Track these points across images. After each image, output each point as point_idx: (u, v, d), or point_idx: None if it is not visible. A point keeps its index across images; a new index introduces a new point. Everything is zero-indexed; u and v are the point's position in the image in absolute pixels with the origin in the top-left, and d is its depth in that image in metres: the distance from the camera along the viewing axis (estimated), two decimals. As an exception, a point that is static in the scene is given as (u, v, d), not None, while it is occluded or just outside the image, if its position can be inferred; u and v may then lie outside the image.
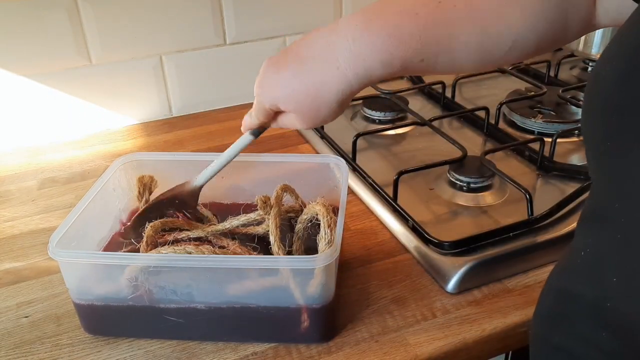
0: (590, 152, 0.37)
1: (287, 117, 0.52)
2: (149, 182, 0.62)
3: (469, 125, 0.89)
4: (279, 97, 0.49)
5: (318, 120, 0.50)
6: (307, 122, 0.50)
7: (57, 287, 0.60)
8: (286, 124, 0.53)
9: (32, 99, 0.88)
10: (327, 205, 0.53)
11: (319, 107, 0.48)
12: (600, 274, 0.36)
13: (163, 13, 0.91)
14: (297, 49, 0.48)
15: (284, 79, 0.48)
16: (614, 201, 0.34)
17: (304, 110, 0.49)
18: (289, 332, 0.52)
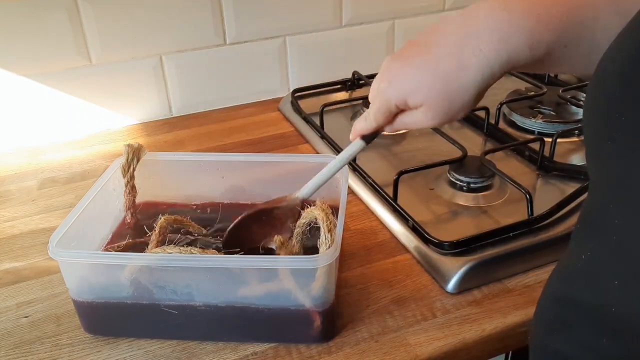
0: (591, 152, 0.36)
1: (411, 115, 0.47)
2: (138, 148, 0.61)
3: (469, 125, 0.89)
4: (408, 90, 0.44)
5: (450, 114, 0.44)
6: (436, 117, 0.45)
7: (57, 287, 0.60)
8: (408, 124, 0.48)
9: (32, 99, 0.88)
10: (326, 209, 0.52)
11: (454, 97, 0.43)
12: (600, 278, 0.34)
13: (163, 13, 0.91)
14: (426, 37, 0.44)
15: (414, 68, 0.44)
16: (614, 203, 0.33)
17: (436, 102, 0.44)
18: (289, 332, 0.52)
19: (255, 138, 0.91)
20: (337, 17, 1.03)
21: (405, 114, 0.48)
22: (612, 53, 0.34)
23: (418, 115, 0.46)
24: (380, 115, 0.48)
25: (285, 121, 0.96)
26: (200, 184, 0.65)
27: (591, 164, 0.36)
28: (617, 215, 0.33)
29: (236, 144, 0.89)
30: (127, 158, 0.60)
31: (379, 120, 0.49)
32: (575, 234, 0.39)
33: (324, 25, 1.02)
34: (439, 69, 0.43)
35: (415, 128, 0.49)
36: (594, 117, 0.35)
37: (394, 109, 0.47)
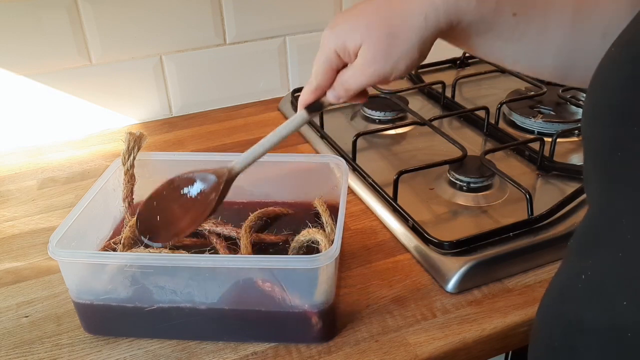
0: (596, 164, 0.34)
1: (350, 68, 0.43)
2: (139, 136, 0.60)
3: (469, 125, 0.89)
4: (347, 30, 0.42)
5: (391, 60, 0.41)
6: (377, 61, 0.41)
7: (57, 287, 0.60)
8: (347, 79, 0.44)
9: (32, 99, 0.88)
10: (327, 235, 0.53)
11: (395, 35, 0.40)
12: (607, 298, 0.32)
13: (163, 13, 0.91)
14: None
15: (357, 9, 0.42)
16: (620, 216, 0.31)
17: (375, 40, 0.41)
18: (289, 332, 0.52)
19: (255, 138, 0.90)
20: (337, 17, 1.03)
21: (344, 70, 0.44)
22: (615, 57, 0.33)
23: (357, 62, 0.43)
24: (319, 69, 0.45)
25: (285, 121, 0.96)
26: (200, 184, 0.65)
27: (596, 175, 0.34)
28: (624, 229, 0.31)
29: (236, 144, 0.89)
30: (128, 146, 0.60)
31: (318, 77, 0.45)
32: (573, 248, 0.37)
33: (324, 25, 1.01)
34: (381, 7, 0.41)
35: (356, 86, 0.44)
36: (599, 127, 0.33)
37: (334, 58, 0.44)
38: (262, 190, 0.65)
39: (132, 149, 0.60)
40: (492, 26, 0.42)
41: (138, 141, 0.60)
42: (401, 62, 0.42)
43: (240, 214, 0.61)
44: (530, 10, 0.41)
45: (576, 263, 0.36)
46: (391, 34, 0.41)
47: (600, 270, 0.33)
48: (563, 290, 0.37)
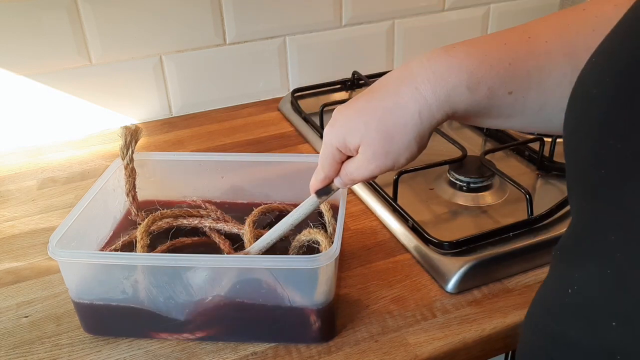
0: (577, 180, 0.33)
1: (354, 161, 0.46)
2: (135, 130, 0.60)
3: (468, 125, 0.89)
4: (347, 130, 0.44)
5: (391, 156, 0.43)
6: (377, 159, 0.44)
7: (57, 287, 0.60)
8: (352, 172, 0.47)
9: (32, 99, 0.88)
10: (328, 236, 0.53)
11: (392, 134, 0.42)
12: (595, 317, 0.31)
13: (163, 13, 0.91)
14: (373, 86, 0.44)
15: (355, 111, 0.44)
16: (606, 234, 0.30)
17: (373, 140, 0.43)
18: (289, 332, 0.52)
19: (255, 138, 0.91)
20: (337, 17, 1.03)
21: (349, 162, 0.47)
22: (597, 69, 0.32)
23: (359, 158, 0.45)
24: (325, 162, 0.48)
25: (285, 121, 0.96)
26: (200, 184, 0.65)
27: (579, 190, 0.33)
28: (612, 247, 0.29)
29: (236, 144, 0.89)
30: (125, 140, 0.59)
31: (325, 169, 0.48)
32: (558, 258, 0.36)
33: (324, 25, 1.03)
34: (377, 108, 0.43)
35: (361, 178, 0.47)
36: (582, 142, 0.32)
37: (336, 153, 0.46)
38: (263, 191, 0.65)
39: (130, 143, 0.59)
40: (490, 108, 0.42)
41: (135, 135, 0.60)
42: (401, 157, 0.44)
43: (241, 214, 0.61)
44: (525, 84, 0.41)
45: (561, 275, 0.35)
46: (388, 134, 0.42)
47: (587, 286, 0.32)
48: (548, 303, 0.37)
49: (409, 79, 0.42)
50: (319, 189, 0.51)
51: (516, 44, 0.41)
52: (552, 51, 0.41)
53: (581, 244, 0.33)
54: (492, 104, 0.42)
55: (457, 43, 0.42)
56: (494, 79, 0.41)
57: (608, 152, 0.29)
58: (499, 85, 0.41)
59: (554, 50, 0.41)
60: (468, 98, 0.41)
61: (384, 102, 0.42)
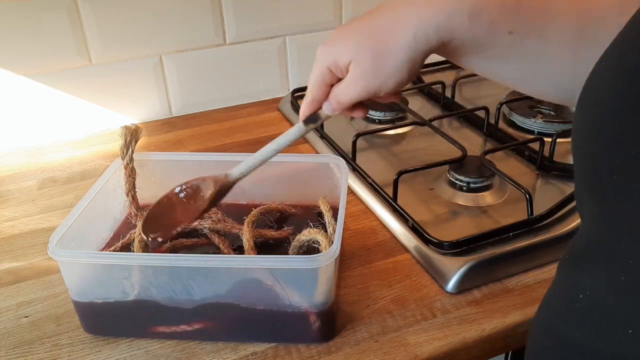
0: (588, 185, 0.33)
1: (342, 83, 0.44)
2: (135, 130, 0.60)
3: (468, 125, 0.89)
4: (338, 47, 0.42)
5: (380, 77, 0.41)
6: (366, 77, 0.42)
7: (57, 287, 0.60)
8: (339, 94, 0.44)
9: (32, 99, 0.88)
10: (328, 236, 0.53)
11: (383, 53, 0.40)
12: (610, 324, 0.30)
13: (163, 13, 0.91)
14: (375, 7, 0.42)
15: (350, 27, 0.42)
16: (619, 240, 0.30)
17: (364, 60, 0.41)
18: (289, 332, 0.52)
19: (255, 138, 0.91)
20: (337, 17, 1.03)
21: (338, 84, 0.45)
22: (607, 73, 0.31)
23: (348, 78, 0.43)
24: (314, 84, 0.45)
25: (285, 121, 0.96)
26: (200, 184, 0.65)
27: (590, 197, 0.33)
28: (624, 253, 0.29)
29: (236, 144, 0.89)
30: (125, 140, 0.59)
31: (314, 91, 0.46)
32: (569, 263, 0.36)
33: (324, 25, 1.02)
34: (372, 26, 0.41)
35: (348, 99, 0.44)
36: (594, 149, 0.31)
37: (326, 73, 0.44)
38: (263, 191, 0.65)
39: (130, 143, 0.60)
40: (486, 45, 0.41)
41: (135, 134, 0.60)
42: (390, 79, 0.42)
43: (241, 215, 0.61)
44: (528, 27, 0.40)
45: (572, 280, 0.35)
46: (379, 52, 0.41)
47: (599, 293, 0.31)
48: (559, 307, 0.36)
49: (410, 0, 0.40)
50: (307, 117, 0.48)
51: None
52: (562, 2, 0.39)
53: (593, 250, 0.33)
54: (491, 40, 0.40)
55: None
56: (497, 12, 0.39)
57: (621, 158, 0.29)
58: (500, 21, 0.39)
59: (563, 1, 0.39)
60: (467, 27, 0.39)
61: (381, 20, 0.41)
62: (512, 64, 0.42)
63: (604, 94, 0.31)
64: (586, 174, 0.33)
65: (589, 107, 0.32)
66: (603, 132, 0.30)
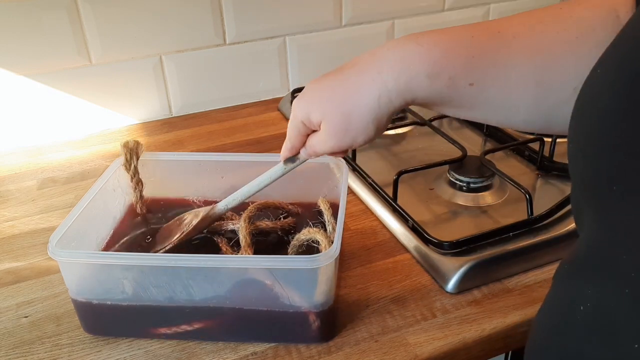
0: (586, 196, 0.32)
1: (316, 136, 0.48)
2: (134, 146, 0.62)
3: (468, 125, 0.89)
4: (311, 106, 0.46)
5: (348, 136, 0.45)
6: (336, 137, 0.45)
7: (57, 287, 0.60)
8: (314, 145, 0.49)
9: (32, 99, 0.88)
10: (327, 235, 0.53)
11: (350, 116, 0.44)
12: (615, 337, 0.30)
13: (163, 13, 0.91)
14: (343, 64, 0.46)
15: (320, 87, 0.46)
16: (620, 252, 0.29)
17: (333, 120, 0.45)
18: (289, 332, 0.52)
19: (255, 138, 0.91)
20: (337, 17, 1.03)
21: (313, 135, 0.49)
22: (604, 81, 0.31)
23: (321, 134, 0.47)
24: (292, 134, 0.50)
25: (285, 121, 0.96)
26: (200, 184, 0.65)
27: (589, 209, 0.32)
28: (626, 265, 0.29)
29: (236, 144, 0.89)
30: (126, 158, 0.61)
31: (291, 140, 0.50)
32: (568, 272, 0.35)
33: (324, 25, 1.03)
34: (340, 88, 0.44)
35: (321, 151, 0.49)
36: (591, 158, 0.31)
37: (301, 126, 0.48)
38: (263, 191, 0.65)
39: (131, 159, 0.62)
40: (450, 98, 0.43)
41: (134, 150, 0.62)
42: (359, 137, 0.45)
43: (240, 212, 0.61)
44: (488, 78, 0.41)
45: (573, 290, 0.34)
46: (347, 114, 0.44)
47: (603, 305, 0.31)
48: (559, 319, 0.36)
49: (375, 62, 0.43)
50: (287, 158, 0.53)
51: (484, 37, 0.41)
52: (519, 47, 0.41)
53: (593, 261, 0.32)
54: (453, 94, 0.42)
55: (428, 31, 0.43)
56: (456, 69, 0.41)
57: (622, 167, 0.28)
58: (460, 76, 0.41)
59: (521, 46, 0.41)
60: (428, 86, 0.42)
61: (348, 82, 0.44)
62: (477, 110, 0.44)
63: (601, 102, 0.30)
64: (582, 185, 0.33)
65: (586, 115, 0.32)
66: (601, 140, 0.30)
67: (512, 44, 0.41)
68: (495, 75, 0.41)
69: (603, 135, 0.30)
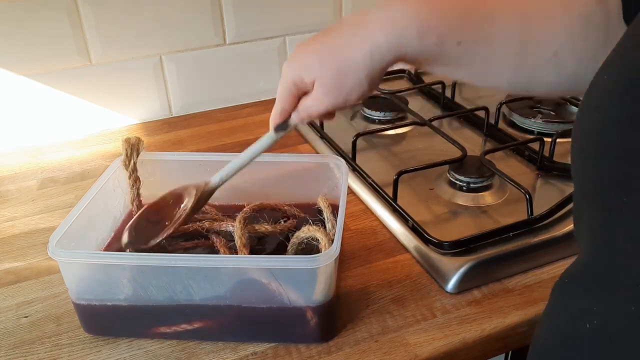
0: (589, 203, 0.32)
1: (309, 98, 0.48)
2: (136, 142, 0.62)
3: (468, 125, 0.89)
4: (303, 65, 0.47)
5: (343, 93, 0.46)
6: (330, 95, 0.46)
7: (57, 287, 0.60)
8: (308, 107, 0.49)
9: (32, 99, 0.88)
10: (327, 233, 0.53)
11: (344, 73, 0.45)
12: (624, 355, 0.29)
13: (163, 13, 0.91)
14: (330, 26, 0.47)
15: (311, 47, 0.46)
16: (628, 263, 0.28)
17: (327, 79, 0.45)
18: (289, 332, 0.52)
19: (255, 138, 0.90)
20: (336, 17, 1.03)
21: (305, 97, 0.49)
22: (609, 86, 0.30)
23: (314, 94, 0.47)
24: (282, 96, 0.50)
25: (285, 121, 0.96)
26: (200, 184, 0.65)
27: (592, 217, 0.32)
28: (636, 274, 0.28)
29: (236, 144, 0.89)
30: (126, 153, 0.61)
31: (282, 102, 0.50)
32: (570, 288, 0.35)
33: (324, 25, 1.01)
34: (332, 48, 0.45)
35: (316, 112, 0.49)
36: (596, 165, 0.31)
37: (292, 88, 0.49)
38: (263, 191, 0.65)
39: (131, 155, 0.61)
40: (438, 56, 0.44)
41: (135, 147, 0.62)
42: (352, 94, 0.46)
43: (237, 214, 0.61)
44: (475, 37, 0.43)
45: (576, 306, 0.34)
46: (340, 71, 0.45)
47: (610, 322, 0.30)
48: (564, 335, 0.35)
49: (364, 22, 0.44)
50: (277, 125, 0.53)
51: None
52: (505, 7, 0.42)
53: (597, 276, 0.32)
54: (441, 52, 0.43)
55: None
56: (444, 28, 0.43)
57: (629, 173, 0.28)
58: (448, 35, 0.43)
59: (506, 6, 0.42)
60: (417, 44, 0.43)
61: (339, 42, 0.45)
62: (465, 69, 0.46)
63: (606, 108, 0.30)
64: (585, 191, 0.32)
65: (588, 118, 0.32)
66: (606, 142, 0.30)
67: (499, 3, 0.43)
68: (482, 34, 0.43)
69: (605, 137, 0.30)
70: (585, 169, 0.32)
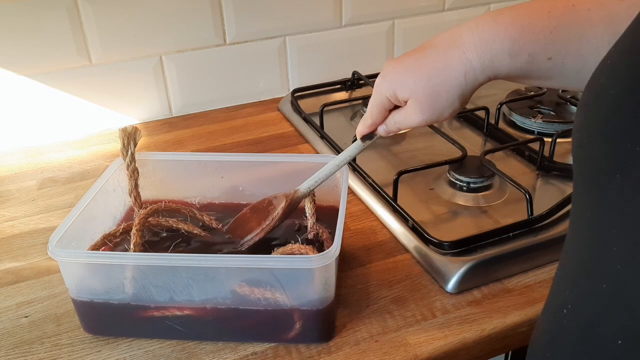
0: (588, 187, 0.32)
1: (402, 112, 0.50)
2: (132, 131, 0.61)
3: (469, 125, 0.89)
4: (398, 83, 0.48)
5: (436, 111, 0.48)
6: (424, 112, 0.48)
7: (57, 287, 0.60)
8: (400, 121, 0.51)
9: (32, 99, 0.88)
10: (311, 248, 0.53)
11: (439, 92, 0.46)
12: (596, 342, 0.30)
13: (163, 13, 0.91)
14: (423, 44, 0.48)
15: (405, 65, 0.48)
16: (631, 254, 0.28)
17: (422, 96, 0.47)
18: (289, 332, 0.52)
19: (255, 138, 0.91)
20: (337, 17, 1.03)
21: (397, 111, 0.51)
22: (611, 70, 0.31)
23: (407, 110, 0.49)
24: (374, 109, 0.52)
25: (285, 121, 0.96)
26: (200, 184, 0.65)
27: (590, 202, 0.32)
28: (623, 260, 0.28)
29: (236, 144, 0.89)
30: (123, 143, 0.60)
31: (373, 116, 0.52)
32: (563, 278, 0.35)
33: (324, 25, 1.02)
34: (426, 66, 0.47)
35: (406, 126, 0.51)
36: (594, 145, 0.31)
37: (386, 102, 0.50)
38: (262, 191, 0.65)
39: (128, 145, 0.60)
40: (530, 72, 0.45)
41: (132, 136, 0.61)
42: (445, 112, 0.48)
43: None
44: (565, 51, 0.44)
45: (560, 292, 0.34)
46: (435, 92, 0.47)
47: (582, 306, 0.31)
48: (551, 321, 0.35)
49: (457, 42, 0.45)
50: (364, 135, 0.55)
51: (560, 12, 0.43)
52: (594, 20, 0.43)
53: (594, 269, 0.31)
54: (532, 68, 0.45)
55: (504, 8, 0.46)
56: (535, 46, 0.44)
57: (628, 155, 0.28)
58: (539, 52, 0.44)
59: (595, 18, 0.43)
60: (509, 63, 0.44)
61: (434, 62, 0.46)
62: (556, 80, 0.47)
63: (608, 90, 0.30)
64: (585, 174, 0.32)
65: (592, 105, 0.32)
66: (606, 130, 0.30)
67: (587, 17, 0.43)
68: (572, 48, 0.43)
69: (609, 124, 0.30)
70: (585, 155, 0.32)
